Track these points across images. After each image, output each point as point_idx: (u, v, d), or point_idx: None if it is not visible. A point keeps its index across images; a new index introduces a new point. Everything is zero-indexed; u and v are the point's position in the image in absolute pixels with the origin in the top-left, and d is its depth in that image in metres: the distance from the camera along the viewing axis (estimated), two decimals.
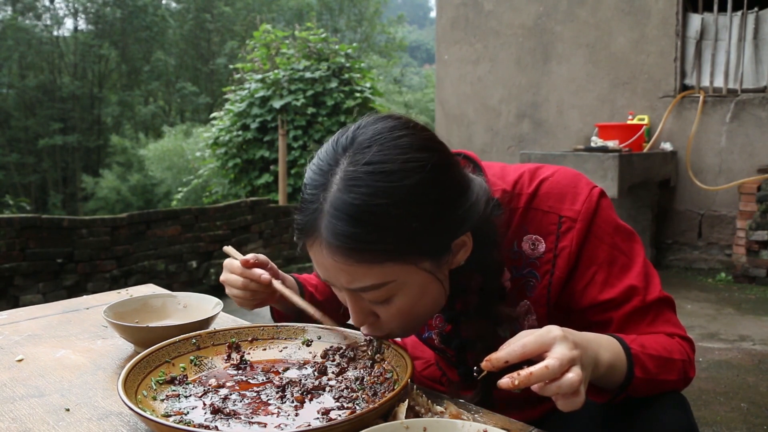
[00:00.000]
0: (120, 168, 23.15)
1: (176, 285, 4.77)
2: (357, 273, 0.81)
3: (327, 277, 0.86)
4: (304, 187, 0.86)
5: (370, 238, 0.78)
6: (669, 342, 0.89)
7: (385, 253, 0.80)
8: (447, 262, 0.88)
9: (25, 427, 0.81)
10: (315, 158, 0.86)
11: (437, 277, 0.87)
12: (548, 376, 0.70)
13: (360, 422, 0.71)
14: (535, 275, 0.96)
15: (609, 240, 0.93)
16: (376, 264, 0.80)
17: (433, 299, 0.89)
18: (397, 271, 0.82)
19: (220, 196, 8.89)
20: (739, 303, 4.11)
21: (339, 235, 0.79)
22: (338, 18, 30.90)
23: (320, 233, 0.81)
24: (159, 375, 0.89)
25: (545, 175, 0.96)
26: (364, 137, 0.82)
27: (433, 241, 0.84)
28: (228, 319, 1.27)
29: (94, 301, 1.40)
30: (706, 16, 5.05)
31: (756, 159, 4.84)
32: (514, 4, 5.85)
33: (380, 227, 0.78)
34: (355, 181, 0.79)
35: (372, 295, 0.85)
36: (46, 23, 28.32)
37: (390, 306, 0.86)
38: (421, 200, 0.80)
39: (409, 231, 0.80)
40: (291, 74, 8.11)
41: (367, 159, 0.80)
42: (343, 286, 0.85)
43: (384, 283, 0.83)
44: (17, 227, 3.98)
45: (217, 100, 20.03)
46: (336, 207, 0.79)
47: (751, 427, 2.34)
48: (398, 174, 0.79)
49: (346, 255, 0.79)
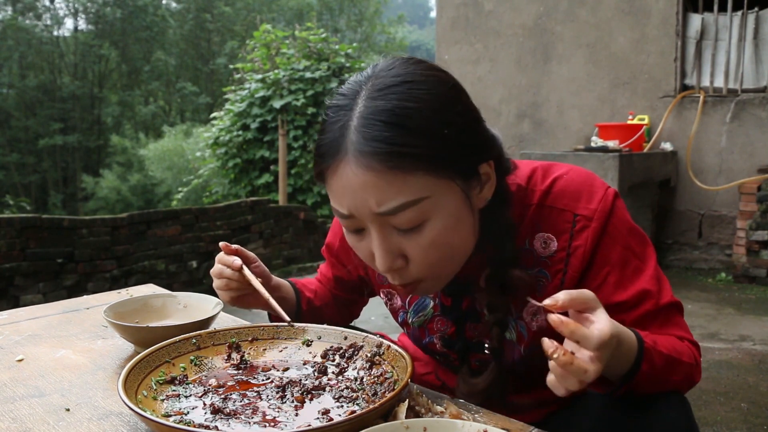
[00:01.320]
0: (120, 168, 23.16)
1: (176, 285, 4.77)
2: (390, 188, 0.77)
3: (353, 203, 0.80)
4: (325, 114, 0.83)
5: (405, 140, 0.76)
6: (679, 344, 0.89)
7: (420, 159, 0.76)
8: (476, 192, 0.85)
9: (25, 427, 0.81)
10: (334, 93, 0.85)
11: (470, 204, 0.84)
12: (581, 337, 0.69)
13: (360, 422, 0.71)
14: (546, 275, 0.94)
15: (623, 241, 0.91)
16: (411, 173, 0.76)
17: (466, 233, 0.85)
18: (432, 184, 0.78)
19: (221, 196, 8.89)
20: (740, 303, 4.11)
21: (372, 141, 0.76)
22: (338, 18, 30.91)
23: (347, 148, 0.78)
24: (159, 375, 0.89)
25: (559, 173, 0.95)
26: (385, 64, 0.83)
27: (464, 155, 0.81)
28: (228, 319, 1.27)
29: (95, 301, 1.40)
30: (706, 16, 5.05)
31: (756, 159, 4.84)
32: (514, 4, 5.85)
33: (414, 130, 0.76)
34: (384, 90, 0.78)
35: (404, 217, 0.79)
36: (46, 23, 28.33)
37: (421, 235, 0.81)
38: (450, 110, 0.80)
39: (441, 137, 0.78)
40: (291, 74, 8.11)
41: (394, 74, 0.80)
42: (372, 210, 0.79)
43: (418, 199, 0.78)
44: (17, 227, 3.98)
45: (218, 100, 20.02)
46: (366, 115, 0.77)
47: (751, 427, 2.34)
48: (425, 83, 0.79)
49: (380, 161, 0.75)
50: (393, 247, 0.82)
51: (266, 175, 7.98)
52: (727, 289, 4.50)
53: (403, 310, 1.08)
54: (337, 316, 1.25)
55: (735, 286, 4.55)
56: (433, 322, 1.04)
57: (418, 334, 1.07)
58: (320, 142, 0.82)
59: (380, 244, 0.82)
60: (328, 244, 1.20)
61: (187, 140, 18.21)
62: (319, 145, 0.82)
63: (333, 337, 1.01)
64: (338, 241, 1.16)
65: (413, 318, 1.06)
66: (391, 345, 0.93)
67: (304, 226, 6.16)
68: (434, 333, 1.05)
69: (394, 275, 0.86)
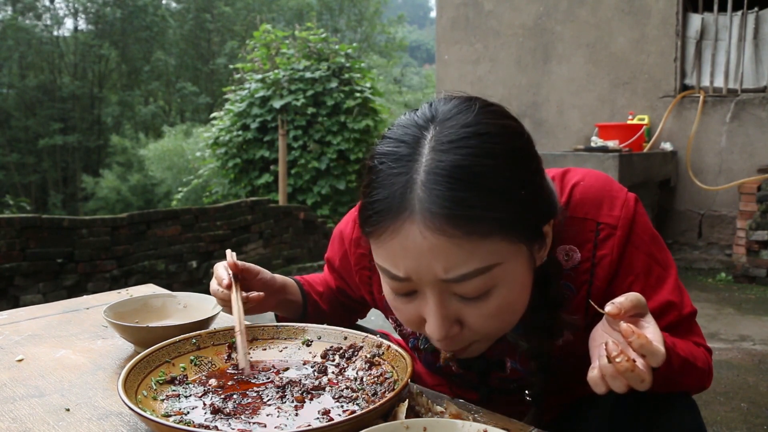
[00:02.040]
0: (120, 168, 23.15)
1: (176, 285, 4.77)
2: (460, 254, 0.69)
3: (415, 267, 0.72)
4: (378, 163, 0.74)
5: (480, 203, 0.68)
6: (696, 349, 0.88)
7: (494, 222, 0.70)
8: (539, 254, 0.80)
9: (25, 427, 0.81)
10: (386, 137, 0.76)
11: (533, 268, 0.78)
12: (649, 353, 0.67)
13: (360, 422, 0.71)
14: (570, 287, 0.89)
15: (646, 249, 0.88)
16: (485, 238, 0.70)
17: (527, 297, 0.79)
18: (505, 250, 0.72)
19: (220, 196, 8.89)
20: (740, 303, 4.11)
21: (445, 200, 0.68)
22: (338, 18, 30.90)
23: (413, 207, 0.69)
24: (159, 375, 0.89)
25: (576, 180, 0.90)
26: (447, 107, 0.75)
27: (536, 216, 0.76)
28: (228, 319, 1.27)
29: (95, 301, 1.40)
30: (706, 16, 5.05)
31: (756, 159, 4.84)
32: (514, 4, 5.85)
33: (490, 190, 0.69)
34: (455, 143, 0.70)
35: (471, 285, 0.72)
36: (46, 23, 28.33)
37: (486, 303, 0.75)
38: (526, 167, 0.74)
39: (517, 198, 0.71)
40: (291, 74, 8.11)
41: (463, 122, 0.72)
42: (438, 276, 0.71)
43: (490, 266, 0.71)
44: (17, 227, 3.98)
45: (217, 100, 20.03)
46: (436, 171, 0.69)
47: (751, 427, 2.34)
48: (500, 137, 0.72)
49: (454, 225, 0.68)
50: (450, 314, 0.76)
51: (266, 175, 7.98)
52: (727, 289, 4.50)
53: (413, 336, 1.04)
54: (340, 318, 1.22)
55: (735, 286, 4.55)
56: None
57: (431, 359, 1.03)
58: (375, 194, 0.73)
59: (438, 311, 0.75)
60: (329, 259, 1.15)
61: (187, 140, 18.21)
62: (373, 200, 0.73)
63: (333, 337, 1.01)
64: (338, 261, 1.11)
65: (425, 344, 1.03)
66: (391, 345, 0.93)
67: (304, 226, 6.16)
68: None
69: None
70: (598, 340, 0.75)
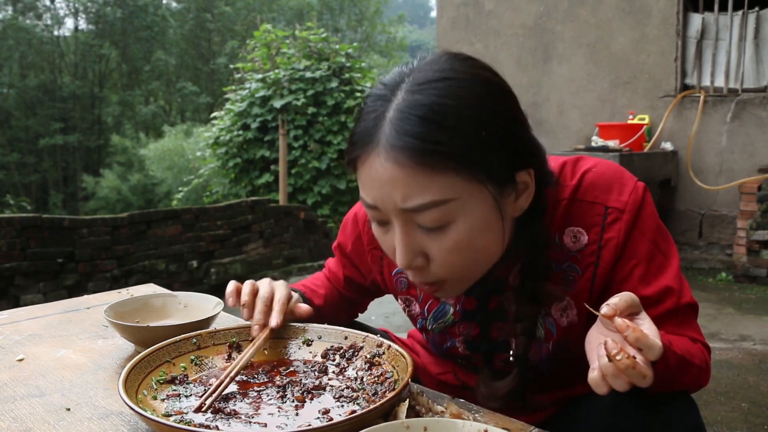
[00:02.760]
0: (120, 168, 23.16)
1: (177, 285, 4.77)
2: (417, 184, 0.75)
3: (379, 196, 0.79)
4: (364, 103, 0.82)
5: (438, 138, 0.74)
6: (693, 346, 0.88)
7: (451, 158, 0.75)
8: (510, 200, 0.83)
9: (25, 426, 0.81)
10: (378, 82, 0.84)
11: (500, 211, 0.81)
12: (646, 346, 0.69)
13: (360, 422, 0.71)
14: (576, 269, 0.92)
15: (651, 236, 0.90)
16: (440, 172, 0.75)
17: (493, 240, 0.82)
18: (460, 186, 0.77)
19: (221, 195, 8.90)
20: (740, 303, 4.11)
21: (404, 135, 0.74)
22: (339, 18, 30.91)
23: (380, 140, 0.77)
24: (159, 375, 0.89)
25: (587, 166, 0.93)
26: (431, 58, 0.82)
27: (501, 159, 0.79)
28: (228, 318, 1.27)
29: (95, 301, 1.40)
30: (706, 16, 5.05)
31: (757, 159, 4.84)
32: (514, 4, 5.85)
33: (448, 128, 0.74)
34: (424, 84, 0.77)
35: (428, 216, 0.77)
36: (46, 23, 28.34)
37: (445, 237, 0.79)
38: (489, 111, 0.78)
39: (478, 138, 0.76)
40: (291, 74, 8.11)
41: (437, 68, 0.79)
42: (397, 205, 0.77)
43: (445, 200, 0.76)
44: (18, 227, 3.98)
45: (218, 99, 20.03)
46: (402, 108, 0.76)
47: (751, 426, 2.34)
48: (467, 82, 0.78)
49: (409, 157, 0.74)
50: (415, 244, 0.81)
51: (266, 175, 7.98)
52: (727, 288, 4.50)
53: (421, 317, 1.06)
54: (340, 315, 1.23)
55: (735, 286, 4.54)
56: (454, 327, 1.02)
57: (439, 340, 1.05)
58: (354, 129, 0.81)
59: (402, 240, 0.81)
60: (340, 244, 1.16)
61: (188, 140, 18.22)
62: (353, 133, 0.81)
63: (333, 336, 1.01)
64: (351, 244, 1.12)
65: (433, 325, 1.04)
66: (392, 345, 0.93)
67: (304, 225, 6.16)
68: (456, 336, 1.03)
69: (415, 273, 0.85)
70: (594, 342, 0.75)
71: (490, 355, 1.01)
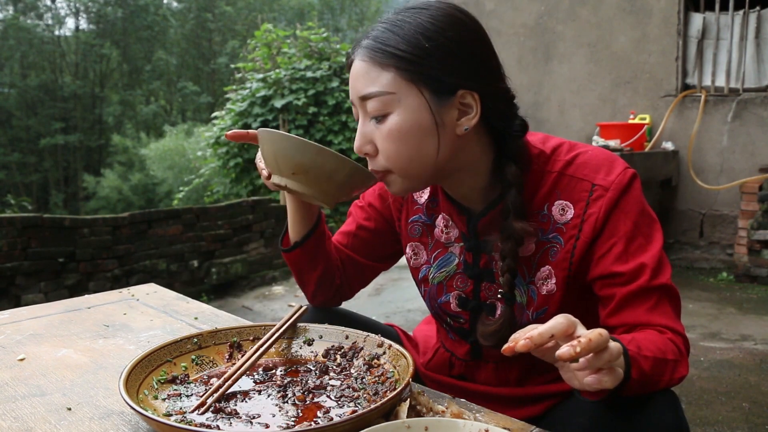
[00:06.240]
0: (121, 167, 23.17)
1: (178, 284, 4.78)
2: (369, 77, 0.92)
3: (352, 88, 0.95)
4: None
5: (390, 41, 0.91)
6: (663, 342, 0.88)
7: (393, 57, 0.90)
8: (451, 115, 0.92)
9: (26, 426, 0.81)
10: None
11: (434, 116, 0.92)
12: (603, 344, 0.70)
13: (361, 422, 0.71)
14: (560, 240, 0.98)
15: (634, 217, 0.94)
16: (386, 68, 0.91)
17: (428, 142, 0.93)
18: (399, 83, 0.91)
19: (222, 195, 8.89)
20: (741, 302, 4.11)
21: (369, 39, 0.93)
22: (340, 17, 30.91)
23: (360, 44, 0.95)
24: (160, 374, 0.89)
25: (584, 149, 1.01)
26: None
27: (440, 71, 0.90)
28: (229, 318, 1.27)
29: (96, 301, 1.40)
30: (707, 15, 5.05)
31: (758, 158, 4.84)
32: (515, 4, 5.85)
33: (400, 35, 0.91)
34: (401, 9, 0.95)
35: (372, 105, 0.92)
36: (47, 23, 28.36)
37: (384, 126, 0.92)
38: (439, 33, 0.91)
39: (420, 47, 0.90)
40: (292, 74, 8.11)
41: (421, 3, 0.95)
42: (358, 93, 0.94)
43: (385, 92, 0.91)
44: (19, 227, 3.98)
45: (219, 99, 20.03)
46: (378, 23, 0.95)
47: (752, 426, 2.34)
48: (431, 12, 0.92)
49: (367, 55, 0.92)
50: (367, 132, 0.95)
51: None
52: (728, 288, 4.49)
53: (427, 264, 1.12)
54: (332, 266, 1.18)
55: (736, 286, 4.54)
56: (453, 279, 1.09)
57: (435, 292, 1.11)
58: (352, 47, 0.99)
59: (359, 127, 0.96)
60: (364, 197, 1.21)
61: (188, 140, 18.22)
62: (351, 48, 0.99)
63: (334, 336, 1.01)
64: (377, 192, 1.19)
65: (435, 273, 1.10)
66: (393, 344, 0.93)
67: None
68: (452, 291, 1.09)
69: (369, 162, 0.97)
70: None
71: (477, 314, 1.07)
